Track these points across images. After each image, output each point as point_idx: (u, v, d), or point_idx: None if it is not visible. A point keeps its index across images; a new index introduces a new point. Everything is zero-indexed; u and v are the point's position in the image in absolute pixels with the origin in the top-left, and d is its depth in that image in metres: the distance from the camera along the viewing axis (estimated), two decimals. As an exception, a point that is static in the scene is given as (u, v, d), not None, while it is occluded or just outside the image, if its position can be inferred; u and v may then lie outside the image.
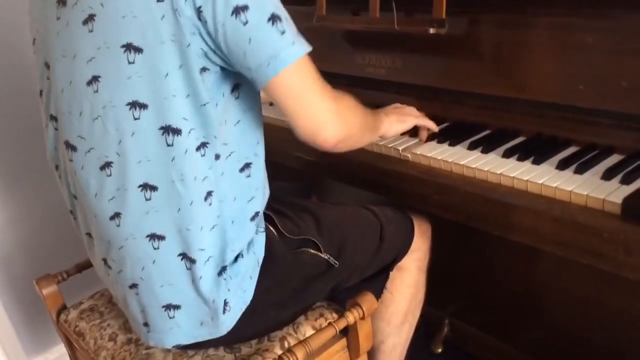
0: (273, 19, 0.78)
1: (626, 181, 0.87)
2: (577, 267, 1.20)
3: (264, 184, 0.95)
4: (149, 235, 0.86)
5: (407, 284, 1.18)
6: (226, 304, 0.89)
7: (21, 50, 0.93)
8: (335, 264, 1.00)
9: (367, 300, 0.99)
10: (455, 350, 1.56)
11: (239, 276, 0.90)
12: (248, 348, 0.97)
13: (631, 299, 1.15)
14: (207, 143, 0.83)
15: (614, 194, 0.84)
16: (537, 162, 0.97)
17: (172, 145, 0.81)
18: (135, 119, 0.80)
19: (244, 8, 0.76)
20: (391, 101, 1.20)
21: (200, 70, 0.79)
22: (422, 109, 1.17)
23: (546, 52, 1.02)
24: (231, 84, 0.85)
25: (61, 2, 0.83)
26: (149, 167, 0.82)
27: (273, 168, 1.00)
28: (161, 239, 0.86)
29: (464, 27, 1.13)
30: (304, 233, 0.99)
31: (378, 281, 1.11)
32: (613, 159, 0.95)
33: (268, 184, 0.96)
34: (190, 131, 0.81)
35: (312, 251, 0.98)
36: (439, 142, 1.11)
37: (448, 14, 1.12)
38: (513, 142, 1.06)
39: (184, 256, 0.86)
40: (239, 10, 0.76)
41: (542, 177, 0.92)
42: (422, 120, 1.13)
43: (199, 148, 0.82)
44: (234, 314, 0.91)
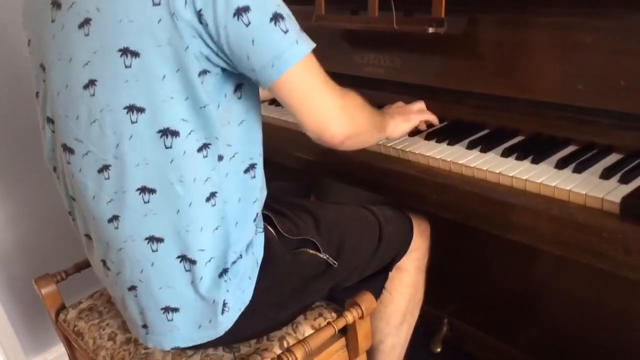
0: (275, 18, 0.77)
1: (625, 180, 0.87)
2: (576, 267, 1.20)
3: (263, 184, 0.95)
4: (147, 237, 0.85)
5: (406, 284, 1.18)
6: (225, 305, 0.89)
7: (20, 49, 0.92)
8: (334, 264, 1.00)
9: (366, 299, 0.99)
10: (454, 349, 1.56)
11: (238, 277, 0.90)
12: (247, 347, 0.97)
13: (630, 298, 1.15)
14: (209, 144, 0.82)
15: (613, 193, 0.84)
16: (535, 161, 0.97)
17: (171, 147, 0.80)
18: (132, 122, 0.79)
19: (245, 9, 0.75)
20: (390, 101, 1.20)
21: (199, 73, 0.78)
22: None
23: (545, 52, 1.02)
24: (233, 84, 0.84)
25: (56, 5, 0.82)
26: (147, 170, 0.82)
27: (272, 168, 1.00)
28: (160, 241, 0.85)
29: (462, 27, 1.13)
30: (302, 233, 0.99)
31: (377, 281, 1.12)
32: (612, 158, 0.95)
33: (265, 184, 0.96)
34: (191, 132, 0.80)
35: (311, 251, 0.98)
36: (437, 142, 1.11)
37: (447, 13, 1.12)
38: (512, 141, 1.06)
39: (183, 258, 0.86)
40: (240, 12, 0.75)
41: (541, 177, 0.92)
42: (425, 115, 1.15)
43: (200, 149, 0.82)
44: (232, 314, 0.91)
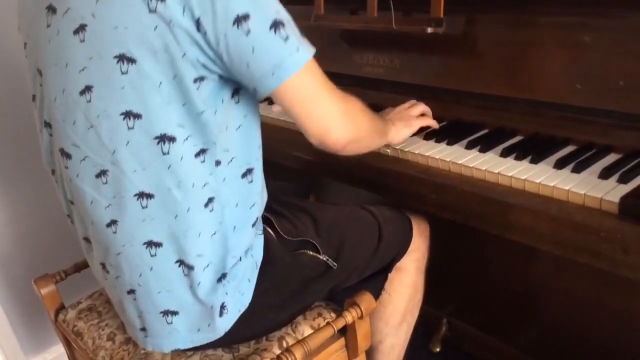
0: (275, 25, 0.76)
1: (623, 180, 0.87)
2: (575, 266, 1.20)
3: (264, 188, 0.94)
4: (146, 242, 0.85)
5: (406, 284, 1.18)
6: (223, 307, 0.89)
7: (20, 49, 0.92)
8: (334, 265, 1.00)
9: (366, 299, 0.99)
10: (453, 349, 1.56)
11: (237, 279, 0.90)
12: (246, 348, 0.97)
13: (630, 298, 1.15)
14: (206, 149, 0.82)
15: (612, 193, 0.84)
16: (534, 161, 0.97)
17: (168, 153, 0.80)
18: (129, 128, 0.79)
19: (245, 17, 0.74)
20: (389, 101, 1.20)
21: (195, 80, 0.77)
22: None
23: (544, 52, 1.02)
24: (230, 89, 0.83)
25: (51, 10, 0.81)
26: (145, 175, 0.81)
27: (271, 168, 1.00)
28: (158, 245, 0.85)
29: (461, 27, 1.13)
30: (302, 234, 0.99)
31: (376, 281, 1.11)
32: (610, 158, 0.95)
33: (266, 187, 0.96)
34: (187, 138, 0.80)
35: (310, 253, 0.98)
36: (436, 142, 1.11)
37: (446, 13, 1.12)
38: (511, 141, 1.06)
39: (182, 263, 0.86)
40: (240, 20, 0.74)
41: (540, 176, 0.92)
42: (426, 121, 1.13)
43: (197, 155, 0.81)
44: (231, 316, 0.91)
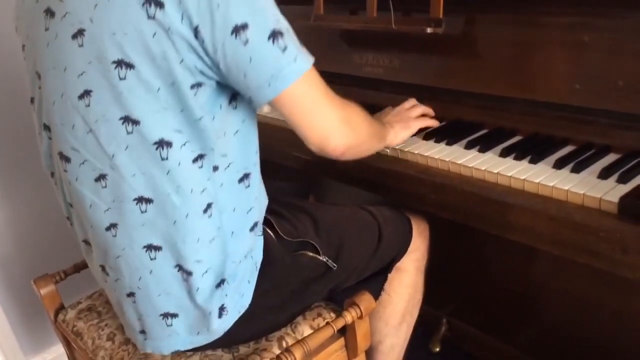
0: (274, 35, 0.76)
1: (623, 180, 0.87)
2: (575, 266, 1.19)
3: (262, 192, 0.94)
4: (145, 246, 0.85)
5: (405, 284, 1.18)
6: (223, 309, 0.89)
7: (19, 49, 0.92)
8: (334, 266, 1.00)
9: (365, 299, 0.99)
10: (453, 349, 1.57)
11: (237, 281, 0.90)
12: (246, 348, 0.97)
13: (630, 298, 1.15)
14: (204, 155, 0.82)
15: (611, 193, 0.84)
16: (534, 161, 0.97)
17: (167, 158, 0.80)
18: (128, 133, 0.79)
19: (243, 27, 0.74)
20: (389, 101, 1.20)
21: (192, 86, 0.77)
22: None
23: (543, 52, 1.02)
24: (228, 95, 0.83)
25: (49, 13, 0.80)
26: (144, 180, 0.81)
27: (272, 168, 1.00)
28: (158, 249, 0.85)
29: (461, 27, 1.13)
30: (301, 235, 0.99)
31: (376, 281, 1.11)
32: (610, 158, 0.95)
33: (265, 189, 0.96)
34: (185, 144, 0.80)
35: (310, 254, 0.98)
36: (436, 142, 1.11)
37: (445, 13, 1.12)
38: (510, 141, 1.06)
39: (180, 268, 0.86)
40: (238, 30, 0.74)
41: (539, 176, 0.92)
42: (425, 122, 1.13)
43: (195, 160, 0.81)
44: (231, 317, 0.91)
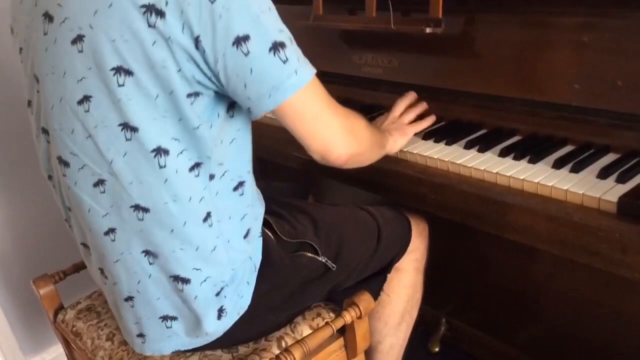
0: (275, 47, 0.75)
1: (622, 180, 0.87)
2: (574, 266, 1.20)
3: (255, 200, 0.94)
4: (144, 251, 0.85)
5: (405, 284, 1.18)
6: (222, 311, 0.89)
7: (16, 50, 0.92)
8: (333, 267, 1.00)
9: (364, 299, 0.99)
10: (452, 349, 1.57)
11: (236, 282, 0.90)
12: (245, 348, 0.97)
13: (629, 298, 1.15)
14: (201, 163, 0.82)
15: (610, 192, 0.84)
16: (533, 161, 0.97)
17: (165, 166, 0.79)
18: (127, 140, 0.78)
19: (245, 38, 0.73)
20: (388, 101, 1.20)
21: (189, 95, 0.77)
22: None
23: (543, 52, 1.02)
24: (226, 104, 0.83)
25: (48, 17, 0.79)
26: (141, 188, 0.81)
27: (271, 168, 1.00)
28: (156, 256, 0.85)
29: (460, 27, 1.13)
30: (301, 236, 0.99)
31: (375, 282, 1.11)
32: (609, 158, 0.95)
33: (261, 197, 0.96)
34: (182, 152, 0.80)
35: (309, 254, 0.98)
36: (435, 142, 1.11)
37: (444, 13, 1.12)
38: (509, 141, 1.06)
39: (175, 278, 0.86)
40: (240, 41, 0.73)
41: (538, 176, 0.92)
42: (420, 126, 1.13)
43: (192, 168, 0.81)
44: (230, 319, 0.91)
